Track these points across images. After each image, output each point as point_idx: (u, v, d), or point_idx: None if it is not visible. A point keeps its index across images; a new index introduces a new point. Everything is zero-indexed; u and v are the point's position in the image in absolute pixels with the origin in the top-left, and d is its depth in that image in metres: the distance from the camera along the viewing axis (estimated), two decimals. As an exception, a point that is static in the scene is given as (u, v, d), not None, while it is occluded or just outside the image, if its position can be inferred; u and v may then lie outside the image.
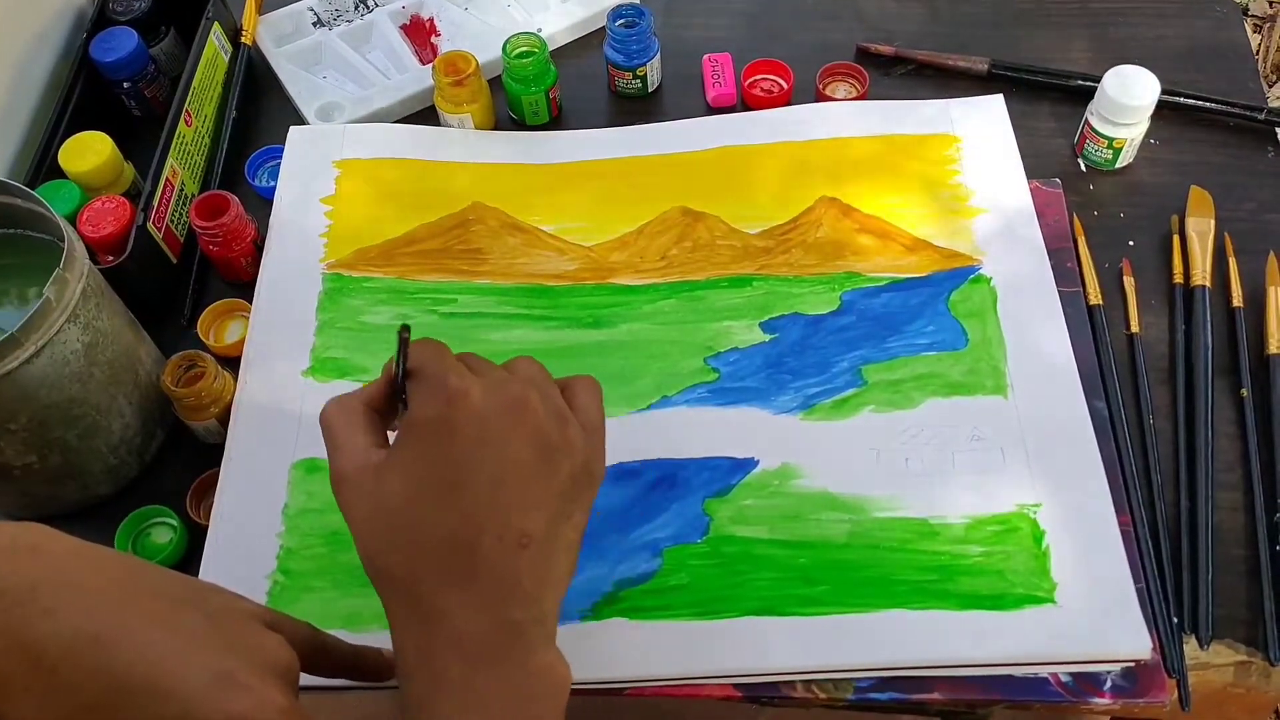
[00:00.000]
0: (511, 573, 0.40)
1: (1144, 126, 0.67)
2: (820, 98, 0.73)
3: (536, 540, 0.41)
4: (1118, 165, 0.69)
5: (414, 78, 0.75)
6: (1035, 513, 0.55)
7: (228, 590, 0.41)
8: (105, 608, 0.35)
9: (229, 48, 0.76)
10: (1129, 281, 0.64)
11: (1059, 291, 0.62)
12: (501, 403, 0.42)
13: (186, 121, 0.69)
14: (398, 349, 0.43)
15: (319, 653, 0.45)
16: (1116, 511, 0.55)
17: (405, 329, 0.42)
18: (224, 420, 0.60)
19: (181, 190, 0.68)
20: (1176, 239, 0.66)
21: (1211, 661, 0.53)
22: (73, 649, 0.34)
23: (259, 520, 0.56)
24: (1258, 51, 1.58)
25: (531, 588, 0.41)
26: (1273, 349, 0.60)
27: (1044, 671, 0.51)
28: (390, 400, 0.44)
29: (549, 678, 0.41)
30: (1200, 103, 0.71)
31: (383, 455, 0.42)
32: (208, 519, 0.57)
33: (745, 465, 0.57)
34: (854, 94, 0.73)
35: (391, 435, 0.43)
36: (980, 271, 0.64)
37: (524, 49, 0.72)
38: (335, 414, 0.43)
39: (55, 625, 0.34)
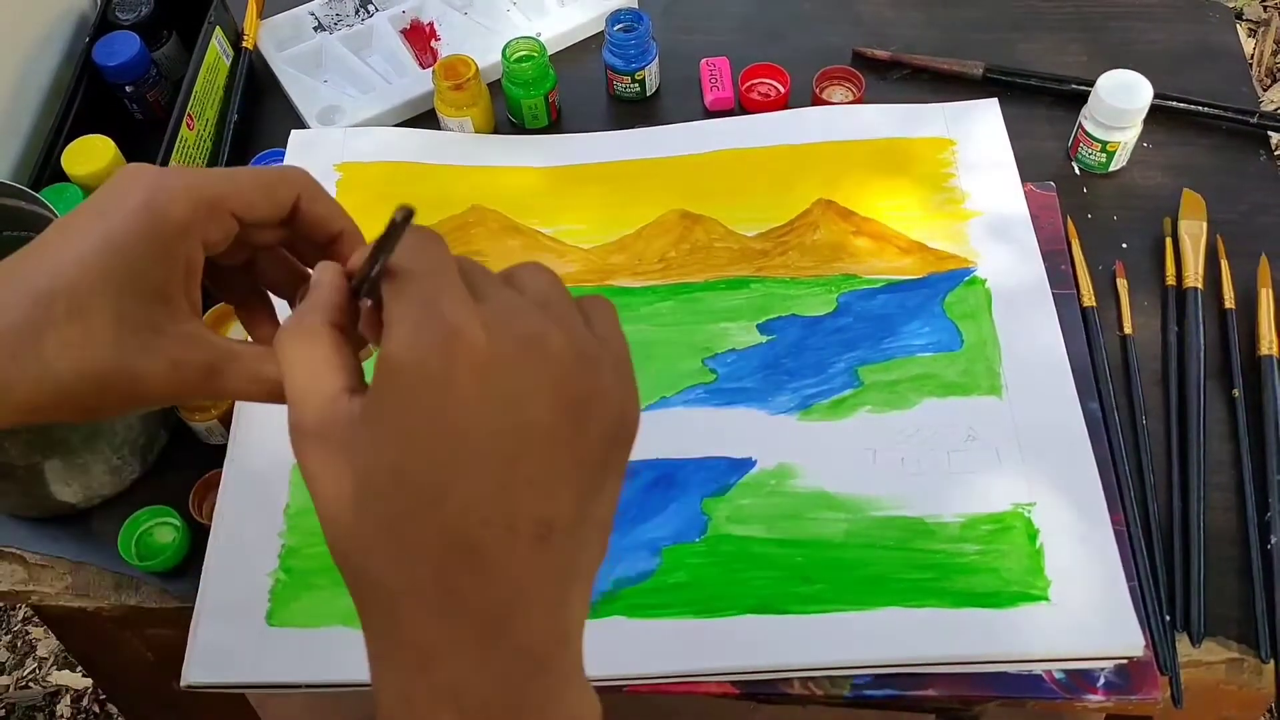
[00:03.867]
0: (527, 579, 0.30)
1: (1137, 130, 0.68)
2: (817, 101, 0.74)
3: (561, 528, 0.31)
4: (1111, 168, 0.70)
5: (414, 82, 0.76)
6: (1029, 512, 0.55)
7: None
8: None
9: (230, 52, 0.77)
10: (1122, 283, 0.65)
11: (1053, 293, 0.63)
12: (514, 344, 0.30)
13: (188, 125, 0.70)
14: (385, 234, 0.30)
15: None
16: (1109, 511, 0.55)
17: (406, 210, 0.29)
18: (226, 421, 0.60)
19: (184, 193, 0.68)
20: (1169, 241, 0.66)
21: (1204, 659, 0.53)
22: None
23: (261, 519, 0.57)
24: (1252, 55, 1.59)
25: (555, 593, 0.31)
26: (1264, 350, 0.61)
27: (1038, 668, 0.52)
28: (352, 307, 0.33)
29: None
30: (1193, 107, 0.72)
31: (358, 405, 0.30)
32: (210, 519, 0.57)
33: (743, 465, 0.58)
34: (850, 98, 0.74)
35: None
36: (975, 274, 0.64)
37: (523, 53, 0.72)
38: (295, 343, 0.32)
39: None
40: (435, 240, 0.31)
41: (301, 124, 0.75)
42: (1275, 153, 0.71)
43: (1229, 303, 0.63)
